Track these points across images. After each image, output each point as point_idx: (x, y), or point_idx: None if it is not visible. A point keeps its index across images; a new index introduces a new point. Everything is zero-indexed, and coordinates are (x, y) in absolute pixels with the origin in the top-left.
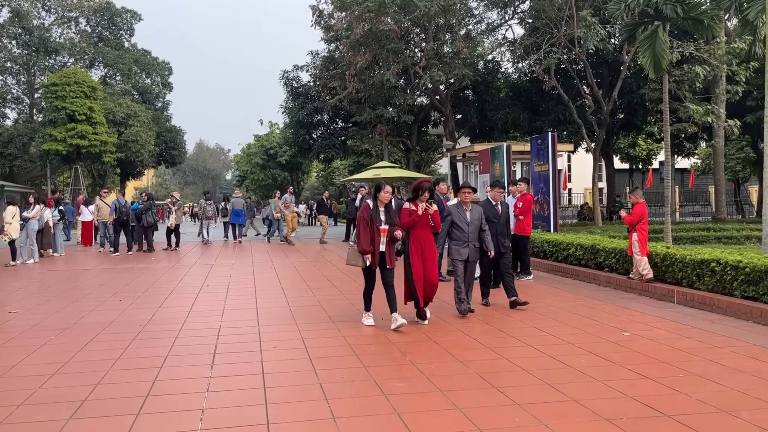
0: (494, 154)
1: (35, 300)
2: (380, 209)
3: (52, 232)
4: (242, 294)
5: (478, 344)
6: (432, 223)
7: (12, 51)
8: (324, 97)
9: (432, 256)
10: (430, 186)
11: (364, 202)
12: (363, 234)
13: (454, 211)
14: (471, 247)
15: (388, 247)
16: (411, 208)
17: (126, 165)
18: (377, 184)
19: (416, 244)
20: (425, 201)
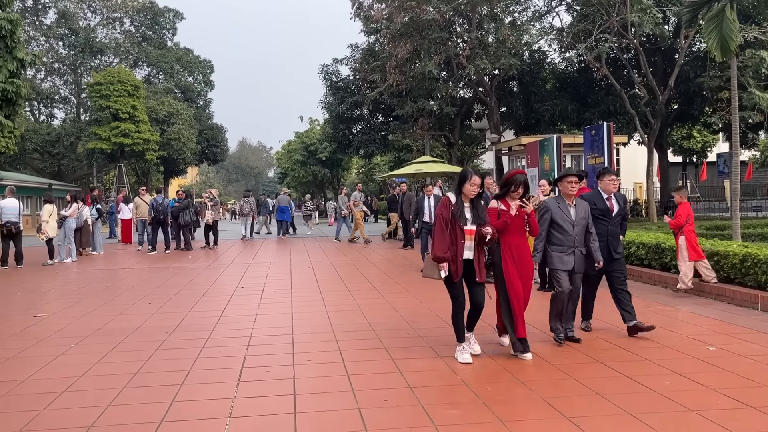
0: (543, 147)
1: (64, 302)
2: (465, 205)
3: (91, 230)
4: (277, 297)
5: (542, 360)
6: (527, 226)
7: (59, 52)
8: (364, 90)
9: (528, 271)
10: (525, 179)
11: (446, 195)
12: (439, 237)
13: (553, 207)
14: (577, 254)
15: (477, 253)
16: (501, 208)
17: (169, 163)
18: (462, 172)
19: (510, 254)
20: (519, 198)
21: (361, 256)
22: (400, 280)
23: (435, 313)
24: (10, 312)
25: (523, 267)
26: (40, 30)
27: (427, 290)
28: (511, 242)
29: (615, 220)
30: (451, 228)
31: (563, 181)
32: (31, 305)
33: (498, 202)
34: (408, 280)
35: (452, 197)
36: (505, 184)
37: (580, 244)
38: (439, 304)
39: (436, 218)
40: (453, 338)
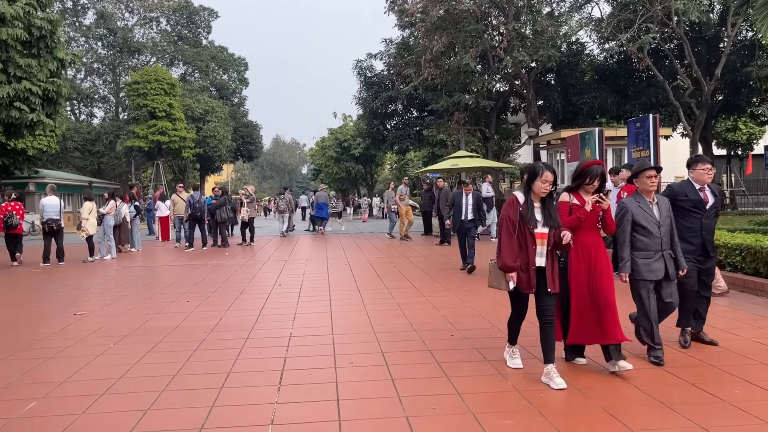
0: (584, 140)
1: (104, 300)
2: (535, 205)
3: (129, 227)
4: (316, 295)
5: (597, 366)
6: (600, 224)
7: (98, 52)
8: (398, 85)
9: (606, 271)
10: (602, 170)
11: (512, 195)
12: (506, 243)
13: (633, 206)
14: (666, 259)
15: (551, 260)
16: (573, 202)
17: (205, 160)
18: (531, 168)
19: (581, 254)
20: (595, 192)
21: (398, 253)
22: (439, 278)
23: (478, 312)
24: (51, 310)
25: (598, 269)
26: (80, 31)
27: (468, 289)
28: (582, 240)
29: (710, 213)
30: (520, 232)
31: (640, 176)
32: (71, 303)
33: (570, 195)
34: (447, 278)
35: (520, 196)
36: (579, 175)
37: (668, 246)
38: (481, 302)
39: (502, 221)
40: (500, 340)
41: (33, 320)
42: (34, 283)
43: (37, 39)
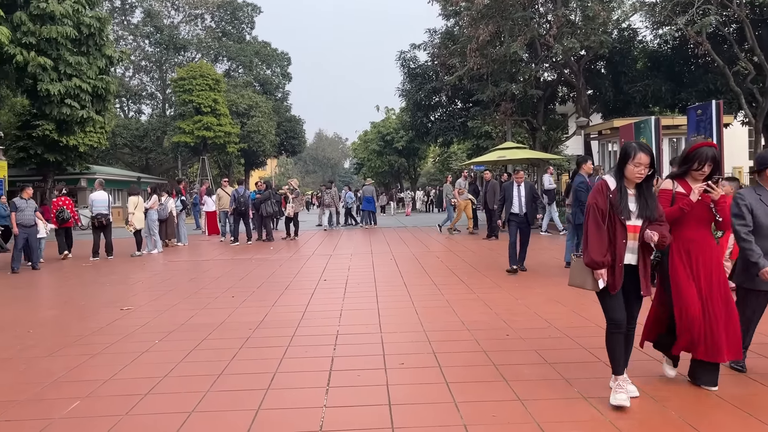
0: (639, 130)
1: (150, 294)
2: (629, 192)
3: (176, 222)
4: (362, 291)
5: None
6: (717, 216)
7: (145, 50)
8: (442, 76)
9: (716, 276)
10: (714, 154)
11: (601, 179)
12: (594, 235)
13: (752, 200)
14: None
15: (643, 257)
16: (677, 190)
17: (249, 155)
18: (623, 148)
19: (684, 251)
20: (705, 179)
21: (444, 247)
22: (489, 273)
23: (533, 310)
24: (99, 305)
25: (706, 271)
26: (128, 29)
27: (520, 285)
28: (686, 237)
29: None
30: (609, 222)
31: None
32: (118, 297)
33: (674, 182)
34: (498, 273)
35: (610, 181)
36: (686, 159)
37: None
38: (535, 299)
39: (589, 209)
40: (559, 341)
41: (81, 315)
42: (83, 278)
43: (86, 37)
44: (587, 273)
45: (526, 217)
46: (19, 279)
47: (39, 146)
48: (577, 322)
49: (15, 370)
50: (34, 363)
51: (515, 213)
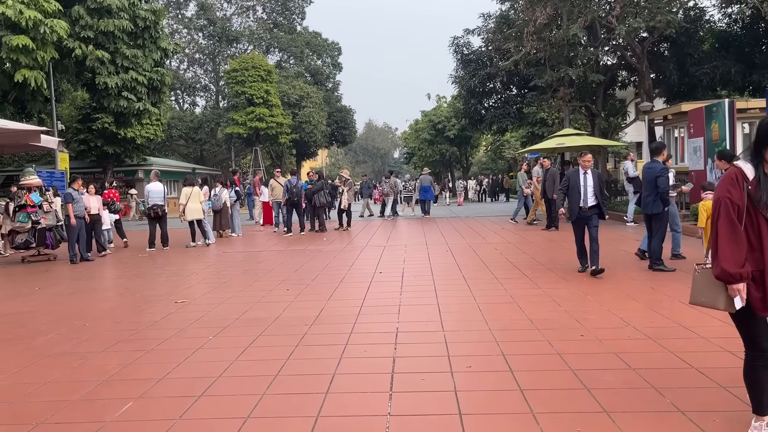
0: (711, 114)
1: (204, 287)
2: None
3: (230, 212)
4: (419, 284)
5: None
6: None
7: (199, 42)
8: (497, 62)
9: None
10: None
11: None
12: (728, 238)
13: None
14: None
15: None
16: None
17: (300, 146)
18: (760, 126)
19: None
20: None
21: (502, 239)
22: (553, 266)
23: (607, 308)
24: (154, 297)
25: None
26: (182, 22)
27: (589, 280)
28: None
29: None
30: (749, 222)
31: None
32: (173, 290)
33: None
34: (562, 267)
35: (748, 169)
36: None
37: None
38: (607, 296)
39: (719, 205)
40: (641, 343)
41: (136, 308)
42: (139, 269)
43: (141, 30)
44: (718, 288)
45: (594, 210)
46: (78, 270)
47: (98, 139)
48: (656, 321)
49: (69, 366)
50: (88, 359)
51: (581, 206)
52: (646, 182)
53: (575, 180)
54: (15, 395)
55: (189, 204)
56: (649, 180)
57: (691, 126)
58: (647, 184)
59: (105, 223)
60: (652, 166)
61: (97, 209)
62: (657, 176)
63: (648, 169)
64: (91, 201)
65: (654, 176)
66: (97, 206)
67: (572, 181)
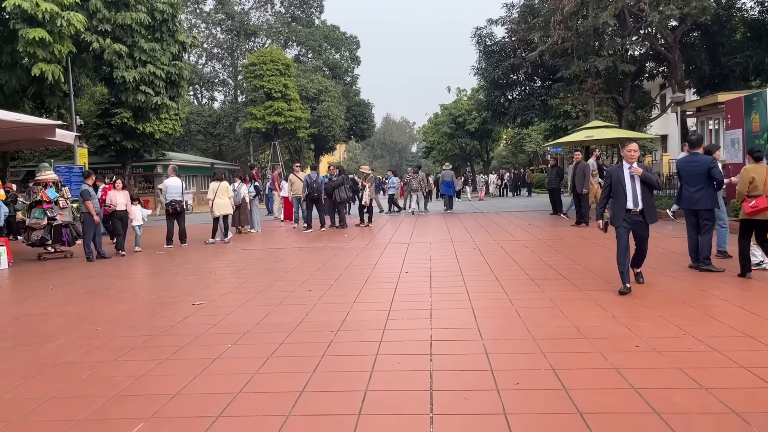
0: (751, 104)
1: (223, 287)
2: None
3: (249, 208)
4: (449, 285)
5: None
6: None
7: (217, 37)
8: (521, 53)
9: None
10: None
11: None
12: None
13: None
14: None
15: None
16: None
17: (319, 140)
18: None
19: None
20: None
21: (531, 236)
22: (591, 266)
23: (659, 314)
24: (170, 298)
25: None
26: (200, 17)
27: (634, 283)
28: None
29: None
30: None
31: None
32: (190, 290)
33: None
34: (600, 267)
35: None
36: None
37: None
38: (656, 300)
39: None
40: (709, 356)
41: (151, 310)
42: (157, 267)
43: (159, 23)
44: None
45: (643, 214)
46: (94, 268)
47: (117, 134)
48: (718, 329)
49: (78, 378)
50: (98, 369)
51: (629, 209)
52: (691, 176)
53: (619, 177)
54: (16, 413)
55: (216, 199)
56: (696, 174)
57: (728, 117)
58: (693, 178)
59: (136, 219)
60: (696, 159)
61: (124, 205)
62: (710, 167)
63: (691, 163)
64: (117, 197)
65: (704, 169)
66: (124, 202)
67: (615, 178)
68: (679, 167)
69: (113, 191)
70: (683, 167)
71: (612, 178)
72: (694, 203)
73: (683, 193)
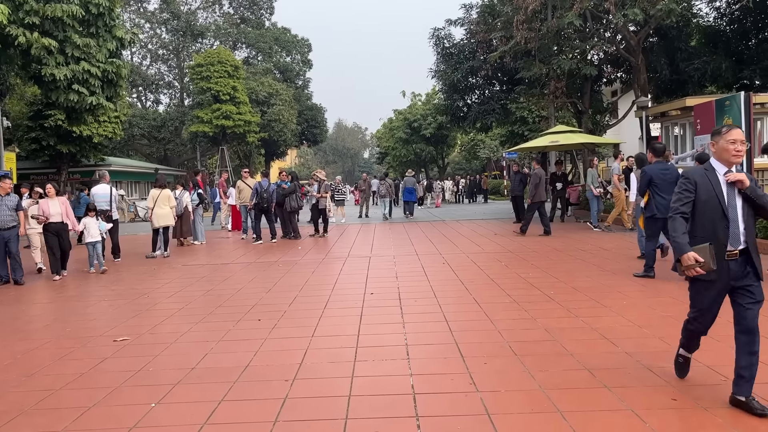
0: (723, 109)
1: (155, 315)
2: None
3: (192, 218)
4: (424, 312)
5: None
6: None
7: (162, 37)
8: (480, 55)
9: None
10: None
11: None
12: None
13: None
14: None
15: None
16: None
17: (270, 145)
18: None
19: None
20: None
21: (500, 247)
22: (578, 285)
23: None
24: (88, 332)
25: None
26: (144, 16)
27: (633, 299)
28: None
29: None
30: None
31: None
32: (114, 320)
33: None
34: (589, 285)
35: None
36: None
37: None
38: (669, 330)
39: None
40: None
41: (59, 350)
42: (79, 289)
43: (94, 17)
44: None
45: (748, 257)
46: (9, 292)
47: (52, 137)
48: None
49: None
50: None
51: (728, 249)
52: (666, 184)
53: (709, 189)
54: None
55: (156, 209)
56: (670, 182)
57: (698, 122)
58: (668, 186)
59: (92, 235)
60: (668, 168)
61: (61, 216)
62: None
63: (664, 171)
64: (51, 206)
65: (676, 177)
66: (60, 212)
67: (704, 189)
68: (653, 176)
69: (45, 200)
70: (658, 176)
71: (698, 188)
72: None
73: (659, 201)
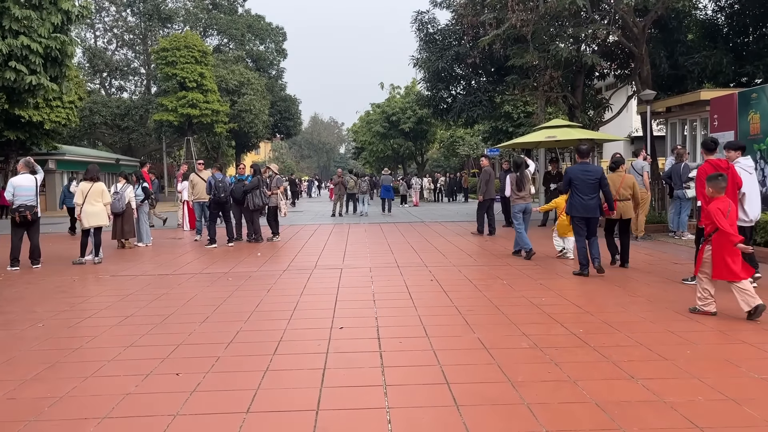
0: (747, 102)
1: (36, 359)
2: None
3: (136, 216)
4: (412, 361)
5: None
6: None
7: (128, 20)
8: (467, 41)
9: None
10: None
11: None
12: None
13: None
14: None
15: None
16: None
17: (240, 137)
18: None
19: None
20: None
21: (498, 259)
22: (611, 320)
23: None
24: None
25: None
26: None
27: (654, 331)
28: None
29: None
30: None
31: None
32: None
33: None
34: (629, 320)
35: None
36: None
37: None
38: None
39: None
40: None
41: None
42: None
43: None
44: None
45: None
46: None
47: None
48: None
49: None
50: None
51: None
52: (585, 185)
53: None
54: None
55: (86, 206)
56: (590, 183)
57: (715, 117)
58: (587, 187)
59: None
60: (589, 169)
61: None
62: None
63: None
64: None
65: (597, 178)
66: None
67: None
68: (572, 176)
69: None
70: (577, 176)
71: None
72: (588, 211)
73: (577, 201)
